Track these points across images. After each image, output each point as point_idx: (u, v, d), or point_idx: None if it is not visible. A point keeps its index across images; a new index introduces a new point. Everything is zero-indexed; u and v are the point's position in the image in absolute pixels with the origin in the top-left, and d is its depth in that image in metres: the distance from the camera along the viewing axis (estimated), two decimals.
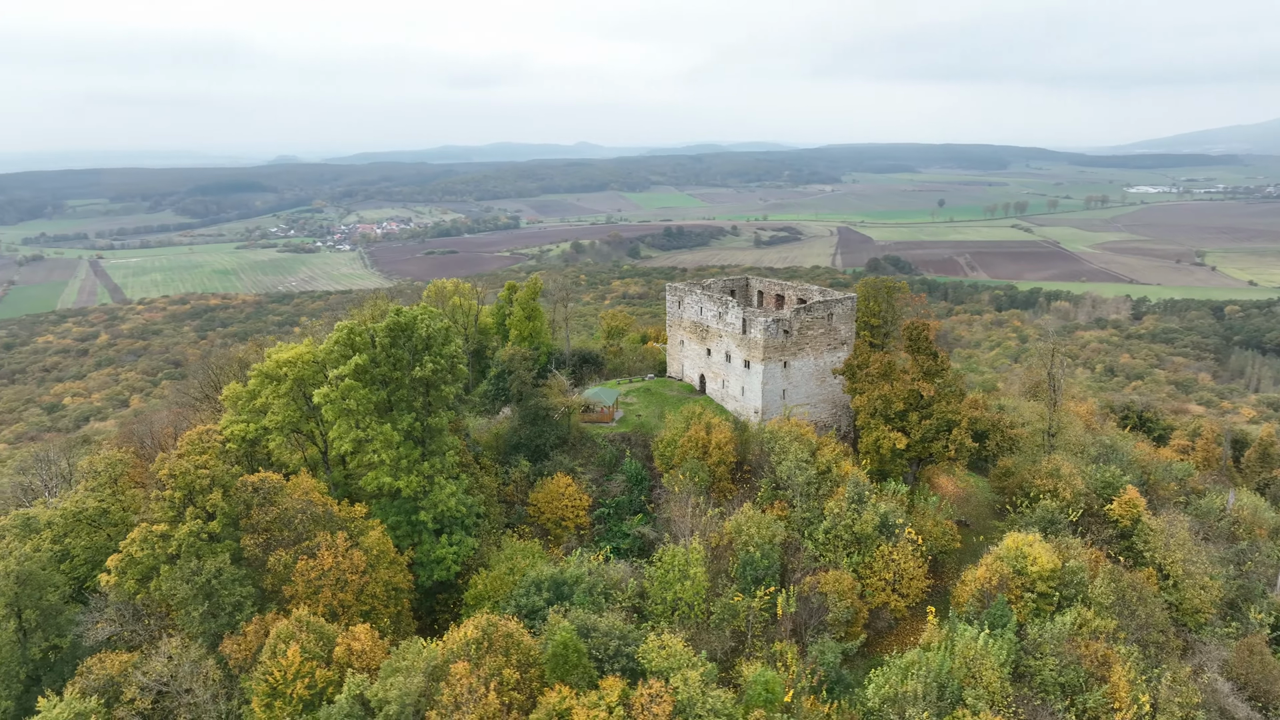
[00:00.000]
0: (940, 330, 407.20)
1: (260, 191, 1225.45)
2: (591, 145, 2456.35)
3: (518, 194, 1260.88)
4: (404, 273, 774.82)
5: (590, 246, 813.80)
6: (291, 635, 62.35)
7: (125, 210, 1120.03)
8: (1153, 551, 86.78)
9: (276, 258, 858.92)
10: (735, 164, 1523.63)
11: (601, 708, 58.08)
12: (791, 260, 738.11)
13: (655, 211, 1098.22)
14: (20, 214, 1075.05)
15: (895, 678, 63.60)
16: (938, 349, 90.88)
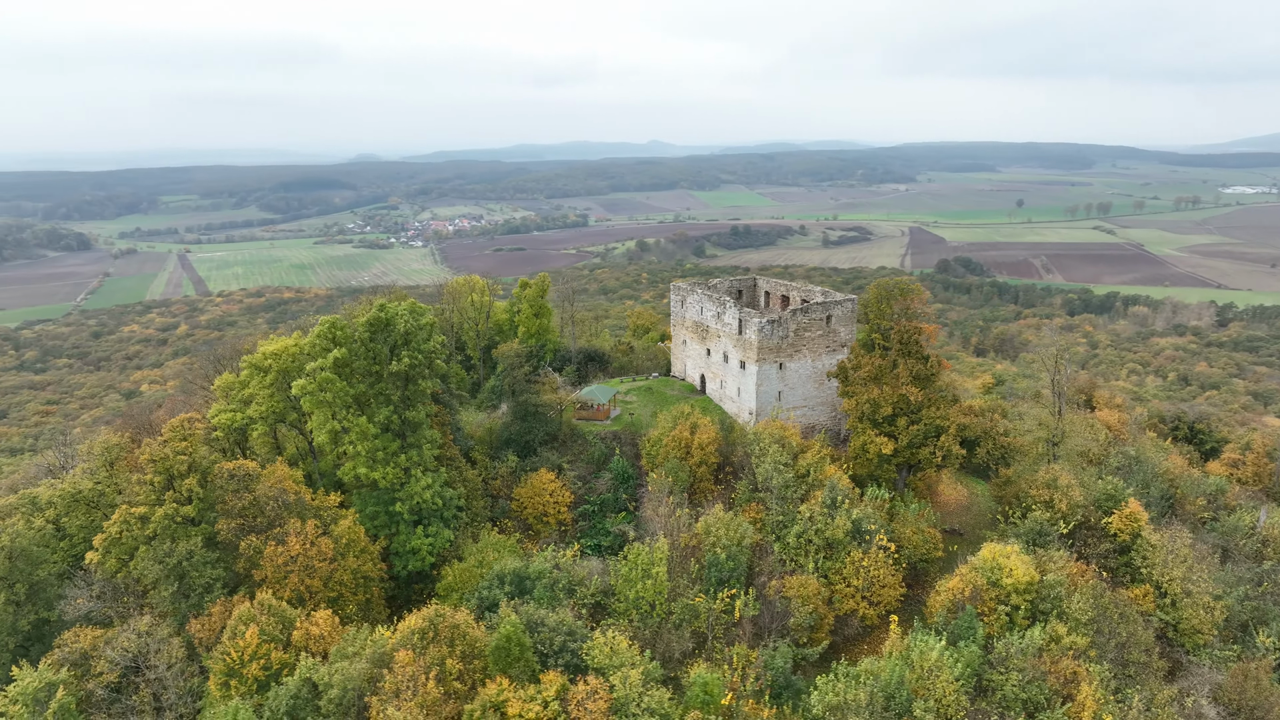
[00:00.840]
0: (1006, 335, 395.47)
1: (340, 188, 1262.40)
2: (663, 144, 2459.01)
3: (588, 192, 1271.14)
4: (471, 269, 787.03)
5: (655, 245, 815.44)
6: (252, 618, 64.88)
7: (214, 206, 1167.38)
8: (1150, 568, 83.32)
9: (351, 253, 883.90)
10: (807, 163, 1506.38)
11: (538, 702, 58.87)
12: (859, 261, 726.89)
13: (724, 210, 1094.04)
14: (119, 209, 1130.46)
15: (841, 685, 62.64)
16: (930, 353, 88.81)
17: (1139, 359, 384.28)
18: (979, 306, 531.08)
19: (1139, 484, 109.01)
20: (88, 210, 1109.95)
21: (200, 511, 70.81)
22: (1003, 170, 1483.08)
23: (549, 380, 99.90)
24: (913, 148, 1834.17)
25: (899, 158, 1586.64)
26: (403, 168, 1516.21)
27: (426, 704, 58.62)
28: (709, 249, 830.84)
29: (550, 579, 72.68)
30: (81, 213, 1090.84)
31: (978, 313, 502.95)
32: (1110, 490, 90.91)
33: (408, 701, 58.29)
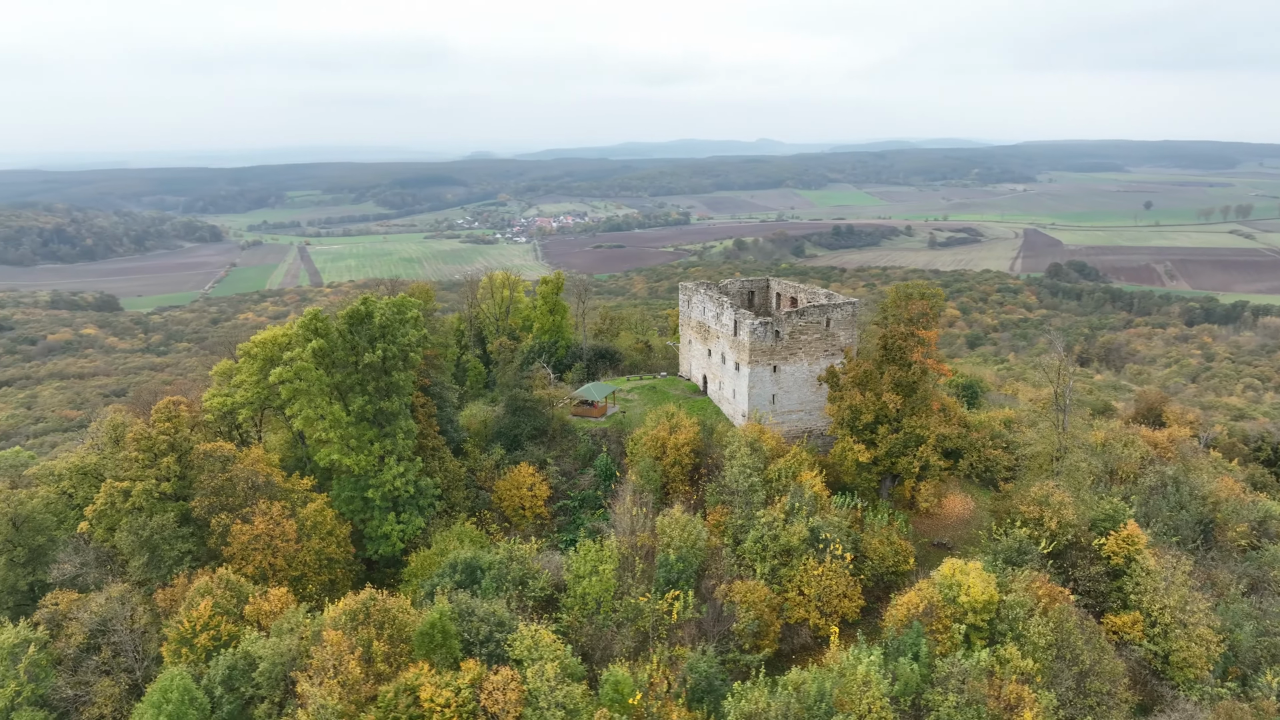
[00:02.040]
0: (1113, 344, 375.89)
1: (452, 185, 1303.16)
2: (772, 141, 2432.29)
3: (692, 190, 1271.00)
4: (570, 264, 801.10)
5: (753, 244, 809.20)
6: (208, 590, 69.00)
7: (334, 201, 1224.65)
8: (1141, 594, 78.32)
9: (458, 248, 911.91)
10: (920, 161, 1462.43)
11: (451, 688, 60.47)
12: (965, 263, 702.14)
13: (829, 210, 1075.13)
14: (249, 203, 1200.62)
15: (757, 694, 61.70)
16: (917, 359, 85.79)
17: (1259, 374, 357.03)
18: (1088, 313, 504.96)
19: (1172, 506, 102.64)
20: (222, 204, 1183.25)
21: (179, 489, 75.67)
22: (1132, 170, 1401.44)
23: (540, 376, 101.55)
24: (1034, 146, 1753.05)
25: (1019, 156, 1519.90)
26: (513, 165, 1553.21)
27: (347, 683, 61.15)
28: (808, 249, 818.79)
29: (500, 571, 74.16)
30: (216, 206, 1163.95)
31: (1084, 320, 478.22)
32: (1109, 511, 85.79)
33: (330, 679, 60.93)
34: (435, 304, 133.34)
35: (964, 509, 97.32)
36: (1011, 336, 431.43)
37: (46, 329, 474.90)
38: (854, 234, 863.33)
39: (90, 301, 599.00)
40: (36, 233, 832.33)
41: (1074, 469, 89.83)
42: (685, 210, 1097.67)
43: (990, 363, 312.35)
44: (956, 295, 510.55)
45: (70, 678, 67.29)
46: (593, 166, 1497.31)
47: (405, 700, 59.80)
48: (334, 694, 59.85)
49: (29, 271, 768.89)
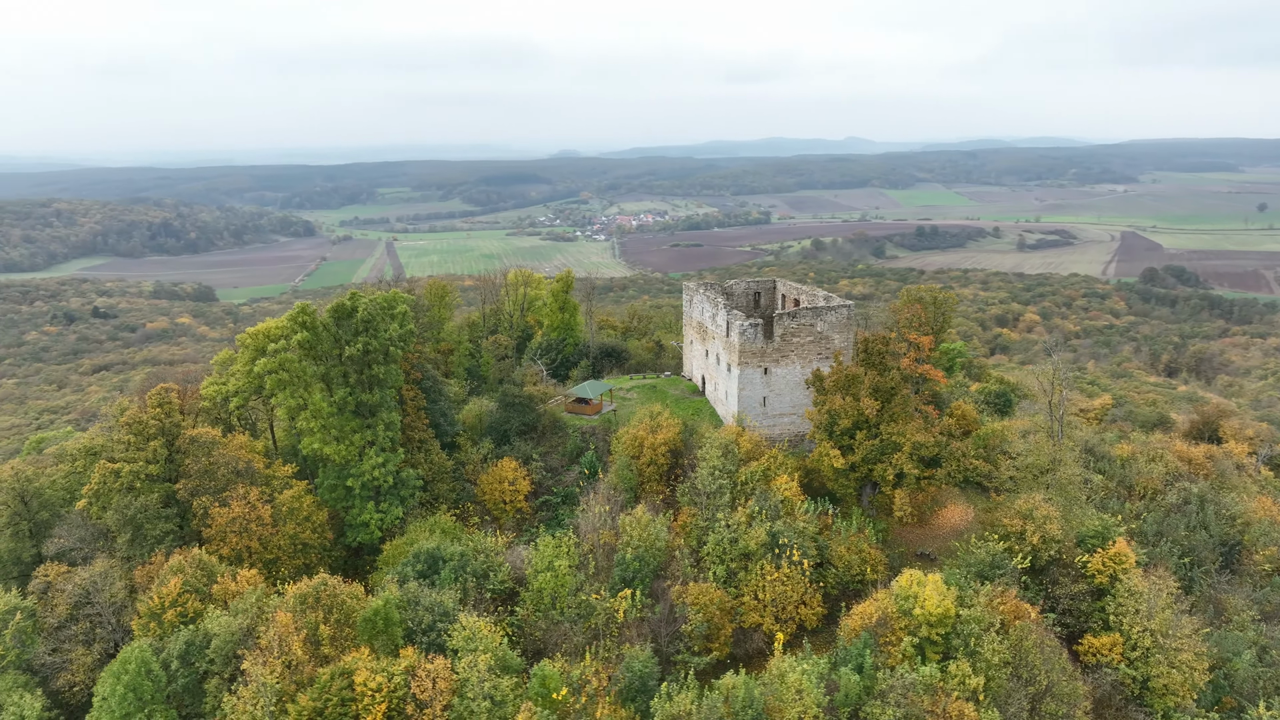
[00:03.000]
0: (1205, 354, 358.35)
1: (536, 183, 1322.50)
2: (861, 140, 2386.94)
3: (775, 189, 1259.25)
4: (646, 263, 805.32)
5: (832, 244, 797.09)
6: (180, 569, 72.62)
7: (423, 198, 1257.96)
8: (1121, 616, 74.70)
9: (538, 245, 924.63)
10: (1014, 160, 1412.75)
11: (384, 673, 62.26)
12: (1054, 266, 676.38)
13: (915, 210, 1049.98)
14: (342, 199, 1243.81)
15: (683, 696, 61.43)
16: (897, 364, 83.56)
17: None
18: (1181, 321, 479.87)
19: (1191, 525, 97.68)
20: (317, 200, 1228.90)
21: (165, 471, 79.83)
22: (1247, 170, 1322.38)
23: (531, 373, 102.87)
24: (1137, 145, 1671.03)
25: (1120, 156, 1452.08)
26: (597, 163, 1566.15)
27: (289, 662, 63.67)
28: (889, 250, 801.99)
29: (460, 563, 75.66)
30: (312, 202, 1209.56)
31: (1175, 328, 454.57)
32: (1097, 527, 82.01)
33: (274, 659, 63.53)
34: (457, 300, 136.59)
35: (961, 519, 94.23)
36: (1093, 344, 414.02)
37: (146, 317, 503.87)
38: (938, 235, 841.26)
39: (189, 292, 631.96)
40: (146, 226, 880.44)
41: (1067, 482, 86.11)
42: (766, 210, 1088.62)
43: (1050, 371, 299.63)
44: (1038, 300, 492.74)
45: (51, 645, 71.75)
46: (676, 165, 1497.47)
47: (340, 683, 61.80)
48: (275, 672, 62.36)
49: (138, 263, 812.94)
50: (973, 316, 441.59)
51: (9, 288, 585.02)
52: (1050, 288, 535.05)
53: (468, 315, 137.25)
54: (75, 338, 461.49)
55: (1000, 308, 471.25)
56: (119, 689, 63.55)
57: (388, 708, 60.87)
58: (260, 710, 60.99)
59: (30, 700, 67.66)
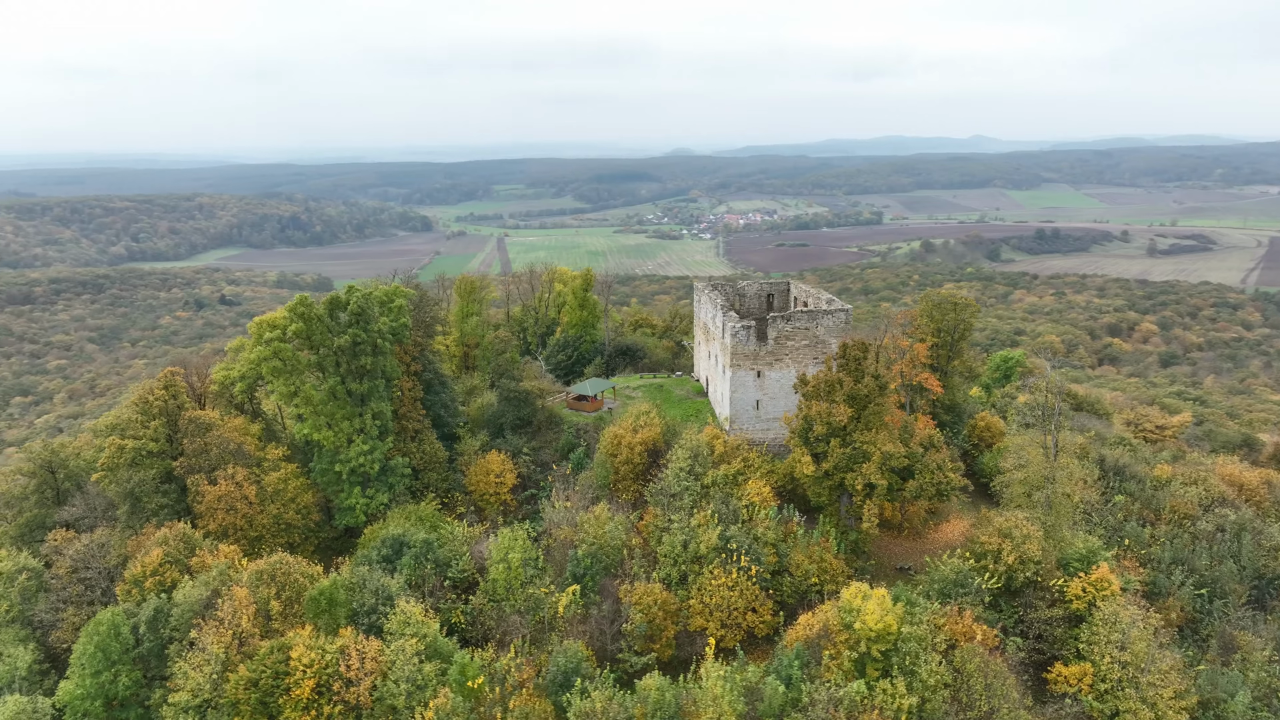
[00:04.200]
0: None
1: (646, 181, 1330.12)
2: (986, 138, 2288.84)
3: (889, 189, 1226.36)
4: (749, 262, 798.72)
5: (943, 246, 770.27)
6: (164, 541, 77.76)
7: (536, 195, 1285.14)
8: (1093, 645, 70.15)
9: (644, 242, 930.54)
10: (1151, 160, 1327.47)
11: (319, 650, 65.10)
12: (1186, 274, 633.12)
13: (1038, 211, 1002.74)
14: (460, 196, 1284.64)
15: (599, 695, 61.59)
16: (874, 370, 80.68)
17: None
18: None
19: (1217, 554, 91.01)
20: (436, 196, 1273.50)
21: (166, 449, 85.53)
22: None
23: (529, 368, 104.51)
24: None
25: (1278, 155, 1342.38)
26: (708, 162, 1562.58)
27: (238, 633, 67.47)
28: (1005, 253, 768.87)
29: (422, 550, 78.03)
30: (432, 199, 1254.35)
31: None
32: (1082, 550, 77.14)
33: (225, 630, 67.47)
34: (494, 295, 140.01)
35: (962, 534, 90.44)
36: (1216, 357, 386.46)
37: (266, 305, 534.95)
38: (1060, 238, 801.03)
39: (308, 282, 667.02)
40: (276, 220, 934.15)
41: (1060, 500, 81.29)
42: (879, 210, 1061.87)
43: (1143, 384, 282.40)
44: (1158, 309, 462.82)
45: (49, 603, 78.14)
46: (789, 164, 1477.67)
47: (278, 657, 65.02)
48: (222, 642, 66.26)
49: (268, 254, 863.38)
50: (1081, 325, 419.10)
51: (151, 275, 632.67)
52: (1175, 296, 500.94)
53: (506, 311, 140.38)
54: (202, 323, 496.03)
55: (1114, 316, 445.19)
56: (90, 648, 68.81)
57: (317, 683, 63.70)
58: (204, 677, 64.96)
59: (23, 653, 74.17)
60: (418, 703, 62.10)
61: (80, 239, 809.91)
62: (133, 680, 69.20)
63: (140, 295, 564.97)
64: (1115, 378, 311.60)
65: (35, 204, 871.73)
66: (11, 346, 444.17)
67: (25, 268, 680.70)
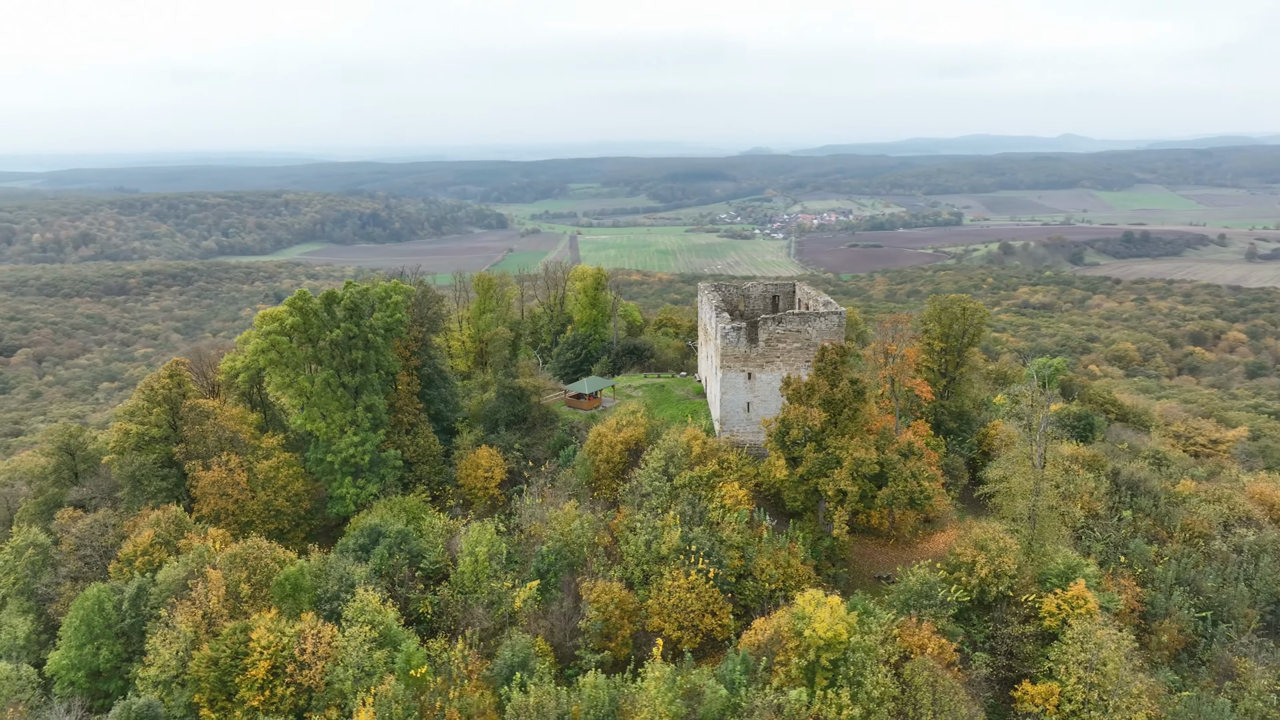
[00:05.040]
0: None
1: (721, 180, 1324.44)
2: (1077, 137, 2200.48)
3: (971, 189, 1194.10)
4: (820, 263, 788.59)
5: (1022, 248, 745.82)
6: (156, 522, 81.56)
7: (610, 194, 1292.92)
8: (1060, 664, 67.39)
9: (714, 242, 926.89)
10: (1257, 159, 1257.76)
11: (277, 633, 67.39)
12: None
13: (1129, 214, 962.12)
14: (536, 194, 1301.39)
15: (537, 691, 62.14)
16: (849, 375, 79.01)
17: None
18: None
19: (1233, 576, 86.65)
20: (513, 194, 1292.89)
21: (167, 434, 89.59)
22: None
23: (526, 365, 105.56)
24: None
25: None
26: (785, 161, 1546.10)
27: (208, 612, 70.39)
28: (1089, 256, 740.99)
29: (396, 540, 79.88)
30: (509, 197, 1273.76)
31: None
32: (1062, 566, 74.09)
33: (195, 610, 70.47)
34: (514, 293, 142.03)
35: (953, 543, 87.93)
36: None
37: None
38: (1149, 242, 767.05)
39: (382, 278, 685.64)
40: (357, 216, 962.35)
41: (1045, 514, 78.24)
42: (958, 211, 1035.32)
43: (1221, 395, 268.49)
44: (1249, 317, 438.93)
45: (52, 578, 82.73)
46: (867, 163, 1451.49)
47: (239, 638, 67.60)
48: (192, 621, 69.25)
49: (348, 249, 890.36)
50: (1161, 332, 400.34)
51: (236, 268, 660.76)
52: (1270, 303, 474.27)
53: (522, 309, 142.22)
54: None
55: (1199, 324, 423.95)
56: (76, 621, 72.87)
57: (272, 665, 65.99)
58: (171, 654, 68.04)
59: (22, 623, 78.98)
60: (364, 689, 63.74)
61: (175, 233, 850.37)
62: (114, 654, 72.90)
63: (225, 288, 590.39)
64: (1192, 388, 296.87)
65: (136, 200, 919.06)
66: (105, 334, 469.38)
67: (124, 260, 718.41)
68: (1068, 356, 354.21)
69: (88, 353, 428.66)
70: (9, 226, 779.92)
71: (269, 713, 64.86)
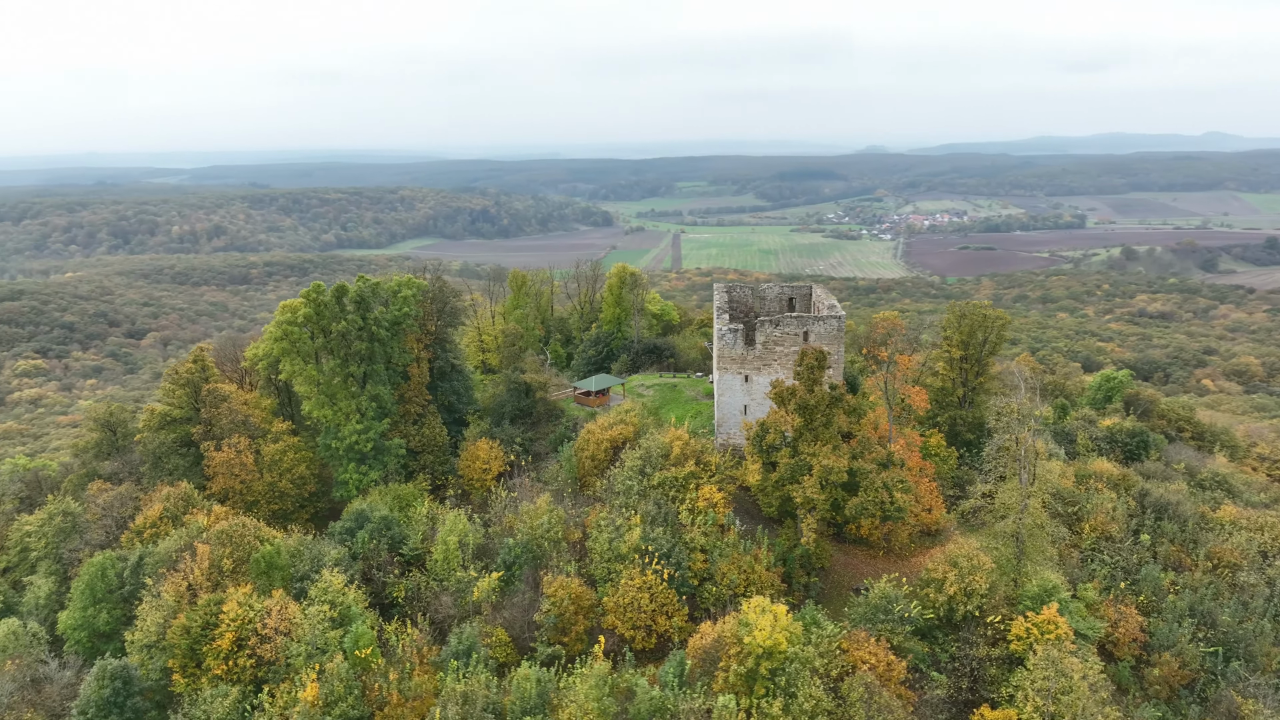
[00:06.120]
0: None
1: (831, 179, 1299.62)
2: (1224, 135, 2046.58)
3: (1098, 190, 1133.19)
4: (927, 265, 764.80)
5: (1147, 254, 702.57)
6: (166, 497, 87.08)
7: (717, 192, 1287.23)
8: (1017, 690, 63.81)
9: (819, 242, 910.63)
10: None
11: (246, 608, 70.98)
12: None
13: (1276, 217, 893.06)
14: (642, 192, 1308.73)
15: (475, 679, 63.36)
16: (827, 382, 76.75)
17: None
18: None
19: (1257, 611, 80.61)
20: (621, 192, 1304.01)
21: (189, 415, 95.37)
22: None
23: (532, 362, 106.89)
24: None
25: None
26: (899, 160, 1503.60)
27: (192, 582, 74.79)
28: (1225, 263, 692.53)
29: (379, 525, 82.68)
30: (616, 194, 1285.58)
31: None
32: (1039, 588, 70.01)
33: (181, 581, 75.02)
34: (556, 289, 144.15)
35: None
36: None
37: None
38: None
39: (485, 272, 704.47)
40: (468, 213, 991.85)
41: (1033, 531, 74.11)
42: (1083, 213, 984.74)
43: None
44: None
45: (77, 544, 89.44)
46: (987, 162, 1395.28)
47: (212, 609, 71.56)
48: (175, 590, 73.79)
49: (458, 244, 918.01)
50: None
51: (349, 261, 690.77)
52: None
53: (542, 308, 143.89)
54: None
55: None
56: (82, 585, 78.84)
57: (237, 637, 69.60)
58: (151, 622, 72.72)
59: (44, 585, 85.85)
60: (314, 665, 66.51)
61: (298, 226, 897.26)
62: (113, 617, 78.42)
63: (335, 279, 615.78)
64: None
65: (265, 195, 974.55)
66: (225, 321, 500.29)
67: (249, 251, 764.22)
68: (1181, 368, 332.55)
69: (208, 338, 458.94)
70: (153, 219, 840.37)
71: (231, 682, 68.47)
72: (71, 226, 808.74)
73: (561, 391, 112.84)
